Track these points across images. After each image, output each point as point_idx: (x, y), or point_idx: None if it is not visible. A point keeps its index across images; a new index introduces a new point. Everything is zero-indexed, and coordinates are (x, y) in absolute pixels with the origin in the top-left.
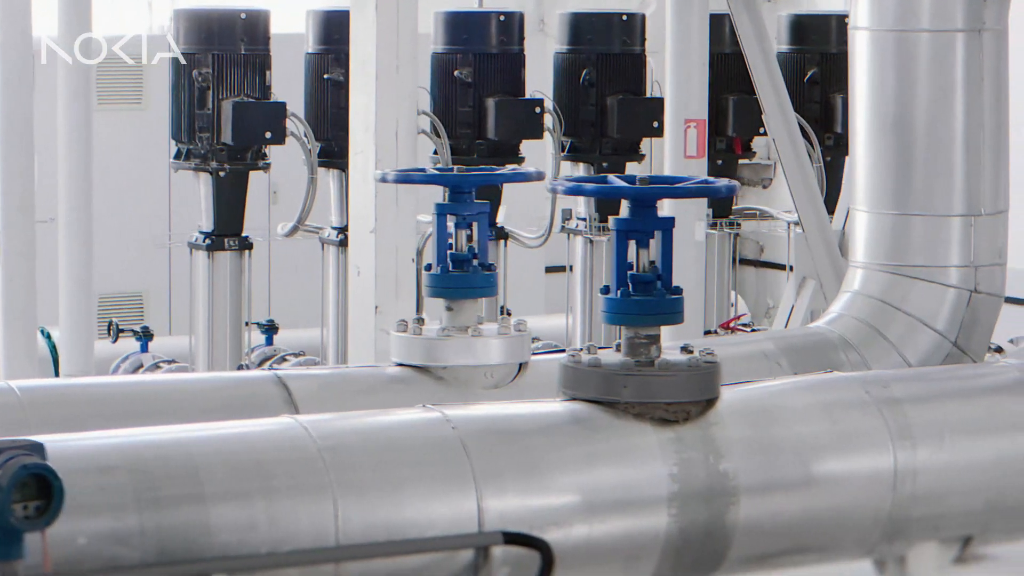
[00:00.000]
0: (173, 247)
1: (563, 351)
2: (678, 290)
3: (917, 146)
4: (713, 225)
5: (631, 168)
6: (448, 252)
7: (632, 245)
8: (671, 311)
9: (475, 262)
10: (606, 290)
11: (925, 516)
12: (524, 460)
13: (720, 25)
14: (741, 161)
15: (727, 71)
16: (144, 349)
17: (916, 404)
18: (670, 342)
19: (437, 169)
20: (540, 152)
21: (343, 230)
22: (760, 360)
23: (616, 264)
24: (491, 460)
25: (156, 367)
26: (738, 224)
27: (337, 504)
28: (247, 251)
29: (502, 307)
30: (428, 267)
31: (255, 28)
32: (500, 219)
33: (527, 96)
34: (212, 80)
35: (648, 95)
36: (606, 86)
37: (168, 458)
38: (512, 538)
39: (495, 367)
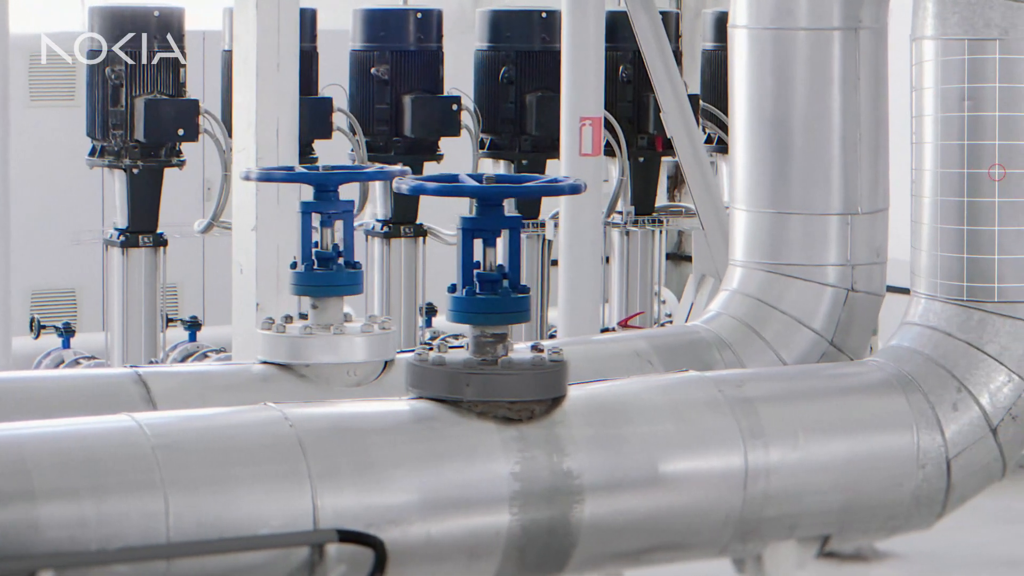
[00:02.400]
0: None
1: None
2: (525, 289)
3: (794, 144)
4: (635, 222)
5: (551, 165)
6: (313, 250)
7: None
8: (516, 310)
9: (340, 260)
10: (453, 288)
11: (779, 515)
12: (362, 458)
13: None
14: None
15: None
16: (66, 345)
17: (770, 403)
18: (544, 341)
19: (305, 167)
20: (464, 149)
21: None
22: (631, 359)
23: (462, 263)
24: (328, 458)
25: (76, 363)
26: (660, 221)
27: (168, 502)
28: (162, 248)
29: (429, 303)
30: (293, 264)
31: (169, 25)
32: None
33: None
34: (125, 77)
35: None
36: (525, 83)
37: None
38: (347, 536)
39: (358, 365)
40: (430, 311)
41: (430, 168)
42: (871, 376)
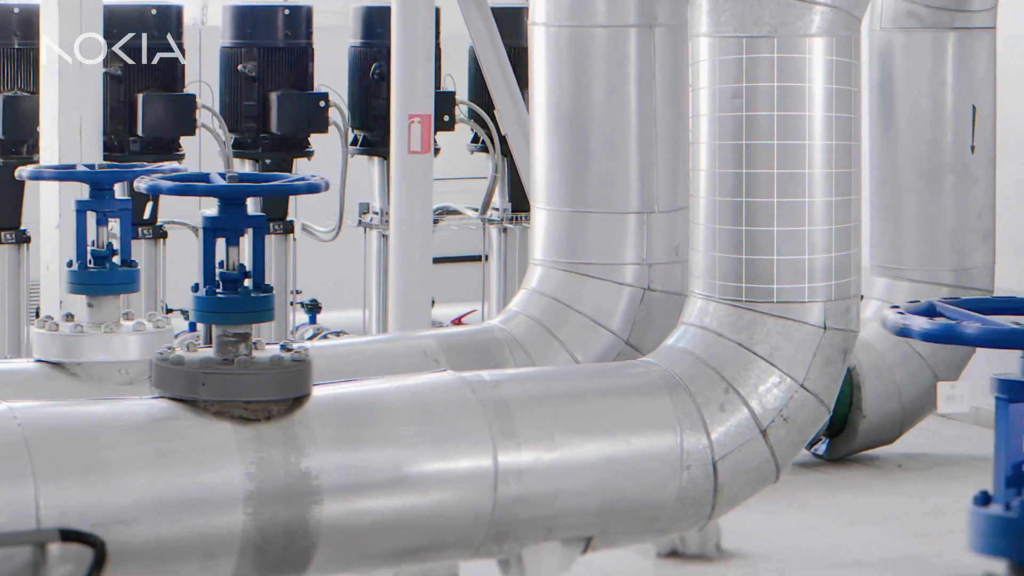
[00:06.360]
0: None
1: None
2: (268, 288)
3: (592, 143)
4: (513, 219)
5: None
6: (89, 249)
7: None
8: (258, 309)
9: (116, 259)
10: (196, 288)
11: (533, 517)
12: (91, 458)
13: (517, 19)
14: None
15: (525, 66)
16: None
17: (527, 404)
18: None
19: (85, 166)
20: (338, 146)
21: None
22: (417, 357)
23: (203, 262)
24: (54, 457)
25: None
26: None
27: None
28: (26, 244)
29: (313, 300)
30: (69, 263)
31: (29, 23)
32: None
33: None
34: None
35: (441, 89)
36: None
37: None
38: (68, 535)
39: (131, 363)
40: (314, 308)
41: (301, 165)
42: (638, 378)
